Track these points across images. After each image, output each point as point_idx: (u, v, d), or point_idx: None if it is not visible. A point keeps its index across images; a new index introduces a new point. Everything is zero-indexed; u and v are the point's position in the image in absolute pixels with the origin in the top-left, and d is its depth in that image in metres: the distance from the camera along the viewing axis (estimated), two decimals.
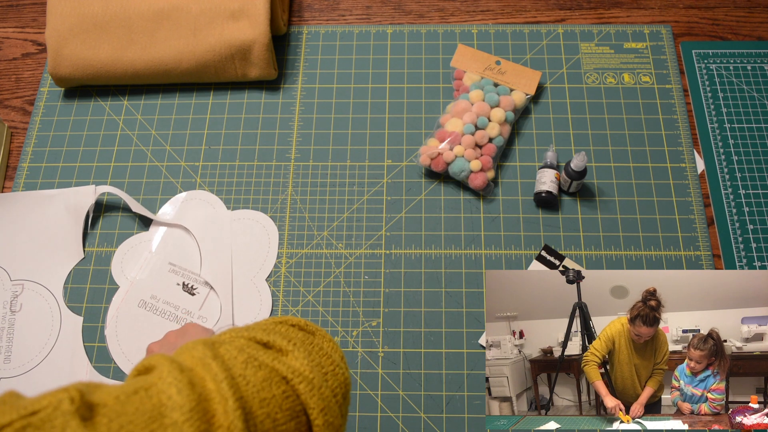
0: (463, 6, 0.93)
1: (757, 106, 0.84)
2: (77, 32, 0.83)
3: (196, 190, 0.81)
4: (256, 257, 0.77)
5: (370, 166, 0.82)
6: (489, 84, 0.83)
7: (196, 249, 0.77)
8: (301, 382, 0.36)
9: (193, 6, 0.83)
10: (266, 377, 0.35)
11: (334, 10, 0.94)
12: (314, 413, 0.36)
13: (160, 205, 0.81)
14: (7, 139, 0.86)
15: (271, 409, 0.34)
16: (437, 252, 0.77)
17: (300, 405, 0.36)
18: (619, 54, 0.88)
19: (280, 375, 0.36)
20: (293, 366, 0.36)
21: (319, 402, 0.36)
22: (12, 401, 0.29)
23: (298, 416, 0.35)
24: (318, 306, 0.75)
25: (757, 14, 0.90)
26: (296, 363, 0.37)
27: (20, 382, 0.71)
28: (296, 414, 0.35)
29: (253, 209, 0.80)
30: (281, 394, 0.35)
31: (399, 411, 0.70)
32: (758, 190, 0.79)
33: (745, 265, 0.75)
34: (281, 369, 0.36)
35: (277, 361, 0.36)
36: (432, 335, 0.73)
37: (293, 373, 0.36)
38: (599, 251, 0.76)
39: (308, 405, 0.36)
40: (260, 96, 0.87)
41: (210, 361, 0.34)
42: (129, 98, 0.88)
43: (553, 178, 0.77)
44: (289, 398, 0.35)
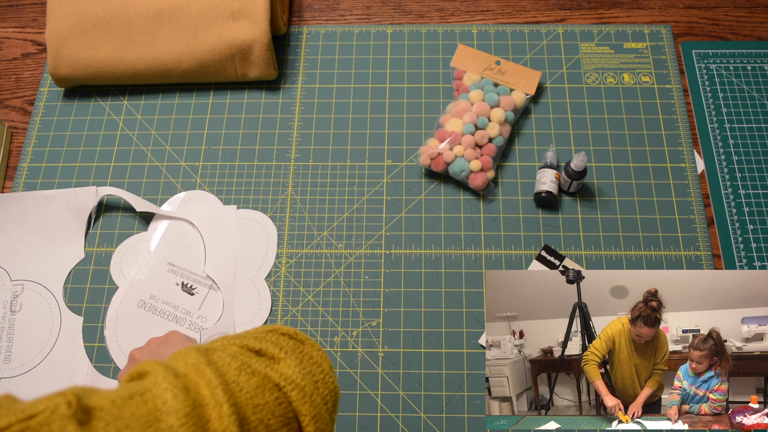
0: (463, 6, 0.93)
1: (757, 106, 0.84)
2: (77, 32, 0.84)
3: (195, 190, 0.81)
4: (255, 256, 0.77)
5: (370, 166, 0.82)
6: (489, 84, 0.83)
7: (196, 248, 0.77)
8: (294, 390, 0.36)
9: (193, 6, 0.83)
10: (259, 384, 0.36)
11: (334, 10, 0.94)
12: (306, 420, 0.36)
13: (160, 205, 0.80)
14: (7, 139, 0.86)
15: (264, 415, 0.35)
16: (437, 252, 0.77)
17: (292, 412, 0.36)
18: (619, 54, 0.88)
19: (272, 382, 0.36)
20: (285, 373, 0.37)
21: (311, 409, 0.37)
22: (9, 405, 0.29)
23: (290, 423, 0.36)
24: (318, 306, 0.75)
25: (757, 14, 0.90)
26: (288, 371, 0.37)
27: (20, 382, 0.71)
28: (288, 421, 0.36)
29: (252, 209, 0.80)
30: (274, 400, 0.36)
31: (399, 411, 0.70)
32: (758, 190, 0.79)
33: (745, 265, 0.75)
34: (274, 376, 0.37)
35: (269, 369, 0.37)
36: (432, 335, 0.73)
37: (285, 381, 0.37)
38: (599, 251, 0.76)
39: (300, 412, 0.36)
40: (260, 96, 0.87)
41: (204, 368, 0.34)
42: (129, 98, 0.88)
43: (553, 178, 0.77)
44: (281, 405, 0.36)
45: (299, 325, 0.74)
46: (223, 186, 0.82)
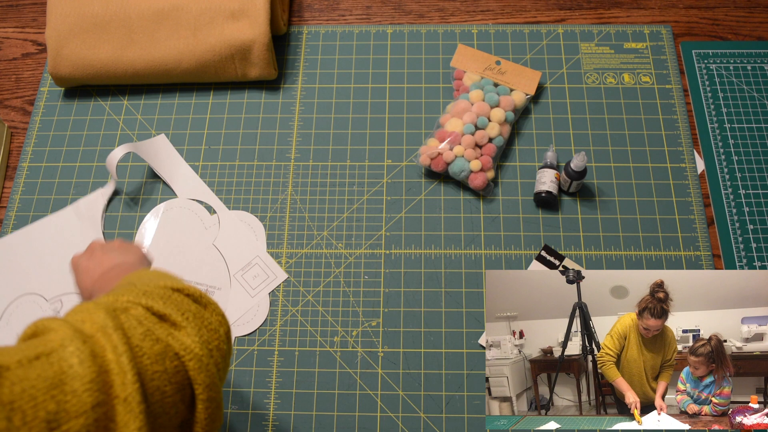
0: (463, 6, 0.93)
1: (757, 106, 0.84)
2: (77, 32, 0.84)
3: (176, 198, 0.81)
4: (246, 256, 0.77)
5: (370, 166, 0.82)
6: (489, 84, 0.83)
7: (185, 253, 0.77)
8: (191, 360, 0.39)
9: (193, 6, 0.83)
10: (161, 351, 0.38)
11: (334, 10, 0.94)
12: (200, 389, 0.39)
13: (145, 214, 0.80)
14: (7, 139, 0.86)
15: (161, 382, 0.37)
16: (437, 252, 0.77)
17: (187, 380, 0.39)
18: (619, 54, 0.88)
19: (173, 350, 0.39)
20: (185, 343, 0.39)
21: (205, 378, 0.39)
22: None
23: (183, 389, 0.39)
24: (318, 306, 0.75)
25: (757, 14, 0.90)
26: (188, 340, 0.39)
27: None
28: (182, 387, 0.38)
29: (243, 209, 0.80)
30: (173, 368, 0.38)
31: (399, 411, 0.70)
32: (758, 190, 0.79)
33: (745, 265, 0.75)
34: (174, 345, 0.39)
35: (170, 337, 0.39)
36: (432, 335, 0.73)
37: (185, 350, 0.39)
38: (599, 251, 0.76)
39: (195, 380, 0.39)
40: (260, 96, 0.87)
41: (111, 332, 0.36)
42: (129, 98, 0.88)
43: (553, 178, 0.77)
44: (179, 373, 0.38)
45: (299, 325, 0.74)
46: (223, 186, 0.82)
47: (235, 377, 0.72)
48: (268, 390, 0.71)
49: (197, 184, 0.81)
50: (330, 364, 0.72)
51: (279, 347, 0.73)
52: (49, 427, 0.30)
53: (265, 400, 0.71)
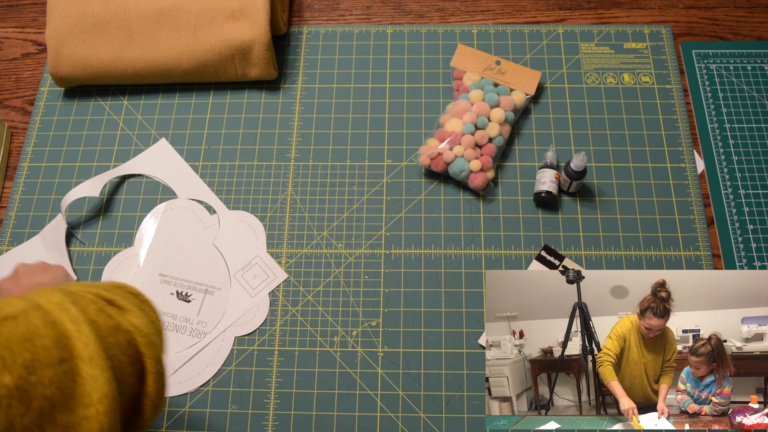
0: (463, 6, 0.93)
1: (757, 106, 0.84)
2: (77, 32, 0.84)
3: (176, 198, 0.81)
4: (245, 256, 0.77)
5: (369, 166, 0.82)
6: (489, 84, 0.83)
7: (185, 254, 0.77)
8: (140, 336, 0.41)
9: (193, 6, 0.83)
10: (114, 326, 0.40)
11: (334, 10, 0.94)
12: (150, 363, 0.41)
13: (144, 215, 0.80)
14: (7, 139, 0.86)
15: (118, 351, 0.39)
16: (437, 252, 0.77)
17: (139, 354, 0.41)
18: (619, 54, 0.88)
19: (124, 327, 0.41)
20: (133, 322, 0.42)
21: (155, 353, 0.42)
22: None
23: (135, 363, 0.41)
24: (318, 306, 0.75)
25: (757, 14, 0.90)
26: (136, 320, 0.42)
27: None
28: (135, 361, 0.41)
29: (243, 209, 0.80)
30: (125, 341, 0.40)
31: (399, 411, 0.70)
32: (758, 190, 0.79)
33: (745, 265, 0.75)
34: (124, 323, 0.41)
35: (120, 317, 0.41)
36: (432, 335, 0.73)
37: (134, 327, 0.41)
38: (599, 251, 0.76)
39: (146, 354, 0.41)
40: (260, 96, 0.87)
41: (69, 306, 0.38)
42: (129, 98, 0.88)
43: (553, 178, 0.77)
44: (131, 346, 0.40)
45: (299, 325, 0.74)
46: (223, 186, 0.82)
47: (235, 377, 0.72)
48: (268, 390, 0.71)
49: (197, 184, 0.81)
50: (330, 364, 0.72)
51: (279, 347, 0.73)
52: (27, 372, 0.32)
53: (265, 400, 0.71)
